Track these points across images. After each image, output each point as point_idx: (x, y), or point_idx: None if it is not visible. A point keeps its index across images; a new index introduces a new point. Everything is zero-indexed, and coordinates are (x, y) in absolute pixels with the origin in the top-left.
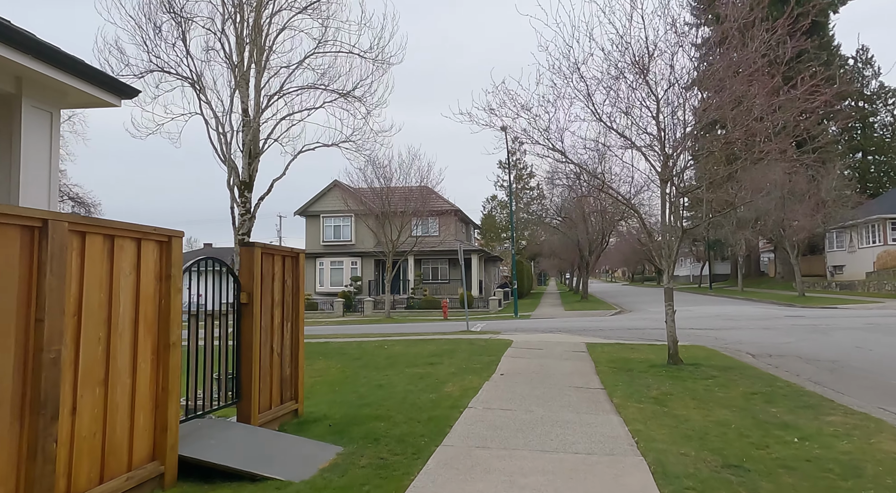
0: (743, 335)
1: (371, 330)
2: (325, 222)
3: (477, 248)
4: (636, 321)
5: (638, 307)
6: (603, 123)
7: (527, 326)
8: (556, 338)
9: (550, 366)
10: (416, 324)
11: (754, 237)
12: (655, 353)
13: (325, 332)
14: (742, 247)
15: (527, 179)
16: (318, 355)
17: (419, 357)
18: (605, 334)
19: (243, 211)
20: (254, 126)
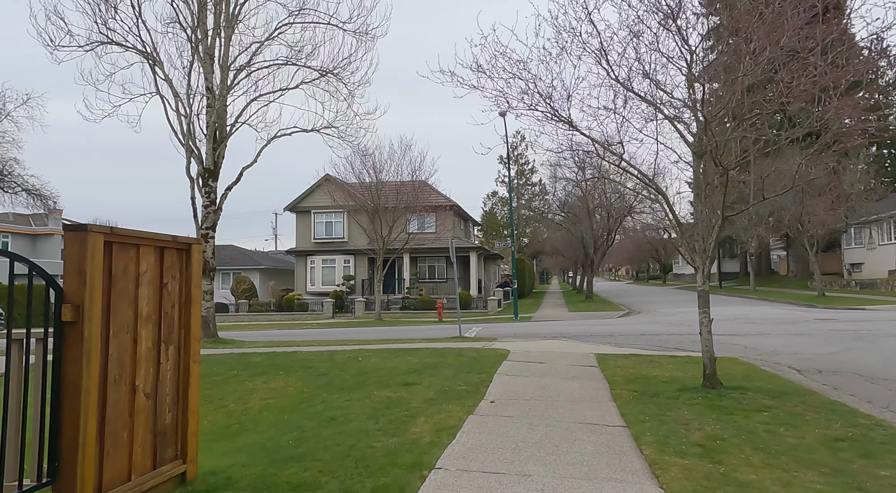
0: (776, 344)
1: (356, 335)
2: (317, 219)
3: (475, 245)
4: (649, 325)
5: (647, 308)
6: (621, 85)
7: (527, 330)
8: (559, 346)
9: (554, 388)
10: (408, 327)
11: (767, 234)
12: (682, 369)
13: (303, 337)
14: (755, 244)
15: (529, 175)
16: (279, 369)
17: (395, 374)
18: (615, 340)
19: (207, 202)
20: (218, 106)
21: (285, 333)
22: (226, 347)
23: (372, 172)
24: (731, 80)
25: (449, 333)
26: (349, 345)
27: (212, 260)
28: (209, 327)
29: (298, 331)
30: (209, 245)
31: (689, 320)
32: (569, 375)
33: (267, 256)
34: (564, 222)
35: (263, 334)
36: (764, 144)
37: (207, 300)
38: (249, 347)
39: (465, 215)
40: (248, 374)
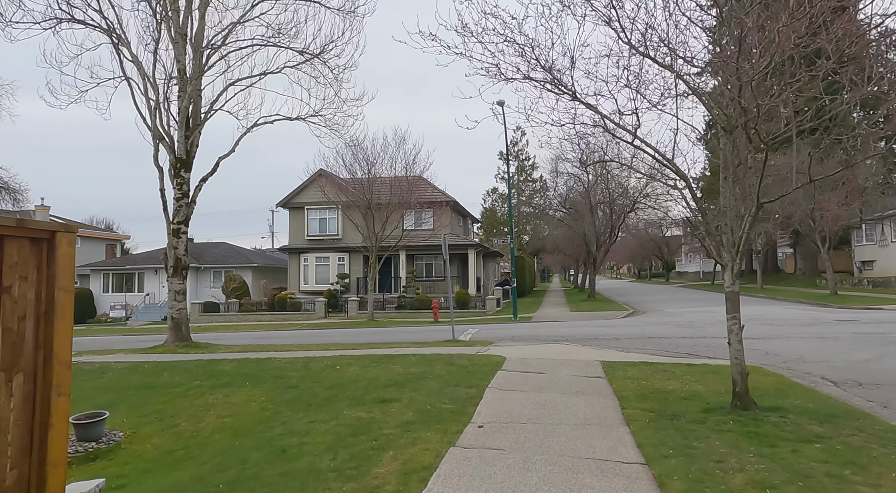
0: (800, 349)
1: (343, 337)
2: (310, 215)
3: (473, 242)
4: (656, 327)
5: (652, 308)
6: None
7: (526, 332)
8: (561, 352)
9: (555, 407)
10: (400, 328)
11: (775, 230)
12: (702, 381)
13: (287, 340)
14: (762, 241)
15: (529, 171)
16: (247, 380)
17: (373, 387)
18: (621, 344)
19: (179, 194)
20: (191, 90)
21: (270, 335)
22: (197, 352)
23: (364, 165)
24: (774, 28)
25: (443, 335)
26: (332, 350)
27: (185, 257)
28: (181, 329)
29: (285, 332)
30: (181, 241)
31: (699, 321)
32: (572, 389)
33: (260, 253)
34: (566, 219)
35: (246, 337)
36: (816, 111)
37: (180, 301)
38: (223, 352)
39: (463, 212)
40: (212, 385)
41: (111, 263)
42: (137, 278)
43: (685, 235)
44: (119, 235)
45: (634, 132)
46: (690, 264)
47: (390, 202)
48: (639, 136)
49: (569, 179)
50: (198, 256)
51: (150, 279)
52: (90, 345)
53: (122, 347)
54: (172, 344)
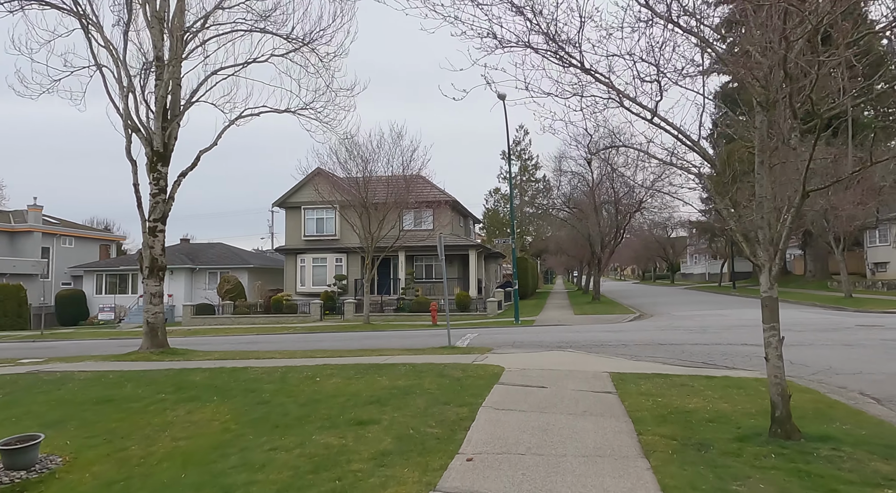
0: (827, 358)
1: (334, 342)
2: (307, 215)
3: (474, 242)
4: (666, 332)
5: (659, 311)
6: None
7: (528, 337)
8: (565, 361)
9: (559, 432)
10: (396, 332)
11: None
12: (727, 398)
13: (274, 345)
14: None
15: (532, 171)
16: (216, 393)
17: (352, 404)
18: (630, 351)
19: (156, 190)
20: (167, 77)
21: (259, 339)
22: (173, 359)
23: (360, 162)
24: None
25: (439, 340)
26: (317, 358)
27: (161, 258)
28: (157, 335)
29: (275, 336)
30: (158, 240)
31: (711, 325)
32: (578, 407)
33: (257, 255)
34: (570, 219)
35: (233, 341)
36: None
37: (156, 304)
38: (200, 359)
39: (464, 212)
40: (176, 399)
41: (105, 263)
42: (131, 280)
43: (690, 237)
44: (115, 236)
45: (655, 109)
46: (696, 265)
47: (387, 201)
48: (659, 113)
49: (572, 178)
50: (193, 257)
51: None
52: (65, 350)
53: (97, 352)
54: (147, 351)
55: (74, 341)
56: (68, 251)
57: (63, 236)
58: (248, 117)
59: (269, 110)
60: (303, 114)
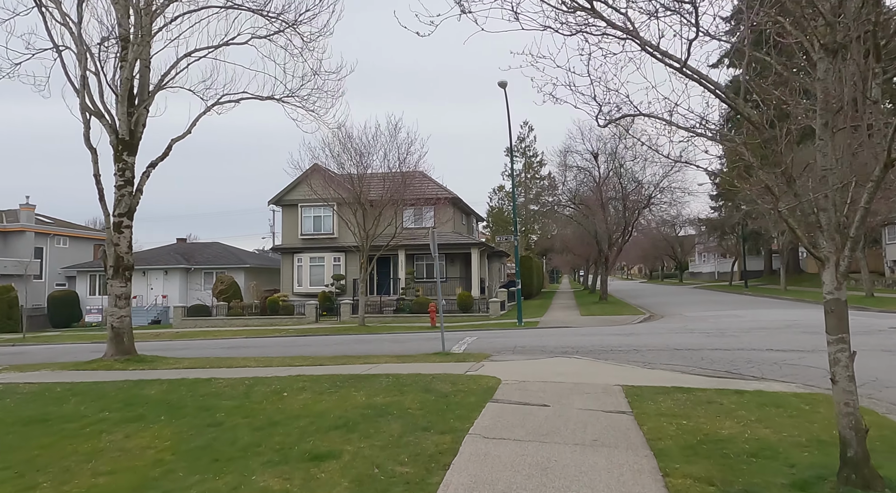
0: (869, 366)
1: (320, 347)
2: (304, 213)
3: (476, 241)
4: (681, 336)
5: (670, 311)
6: None
7: (530, 341)
8: (571, 370)
9: (563, 473)
10: (391, 335)
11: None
12: (768, 421)
13: (254, 350)
14: (785, 239)
15: (537, 168)
16: (165, 411)
17: (313, 430)
18: (643, 358)
19: (121, 181)
20: (132, 58)
21: (244, 343)
22: (137, 368)
23: (354, 156)
24: None
25: (435, 344)
26: (295, 366)
27: (127, 256)
28: (123, 341)
29: (263, 340)
30: (124, 236)
31: (728, 327)
32: (587, 435)
33: (254, 254)
34: (576, 216)
35: (216, 345)
36: None
37: (122, 307)
38: (167, 368)
39: (466, 209)
40: (119, 418)
41: (98, 264)
42: None
43: (699, 235)
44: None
45: (684, 63)
46: (705, 264)
47: (383, 197)
48: (690, 65)
49: (578, 173)
50: (188, 256)
51: (138, 281)
52: (34, 356)
53: (67, 358)
54: (111, 358)
55: (53, 345)
56: (62, 251)
57: (57, 236)
58: (227, 104)
59: (251, 97)
60: (288, 102)
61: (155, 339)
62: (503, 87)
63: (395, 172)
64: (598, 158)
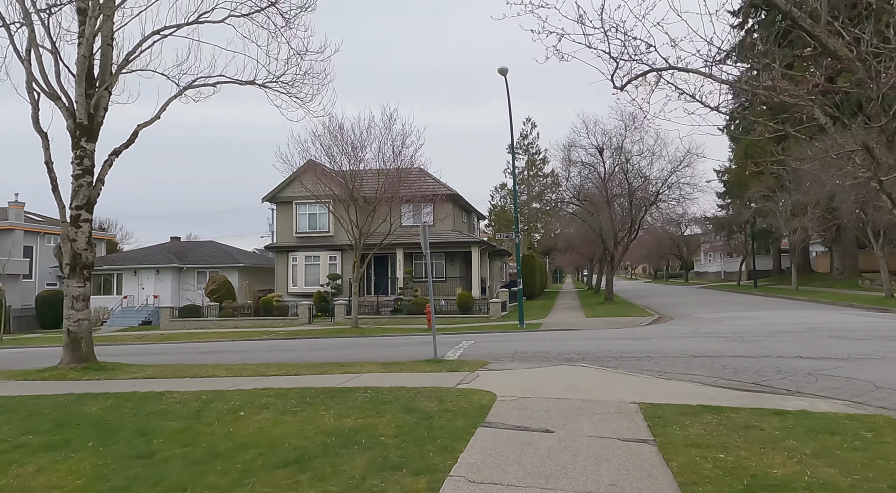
0: None
1: (304, 353)
2: (299, 210)
3: (476, 239)
4: (697, 340)
5: (680, 312)
6: None
7: (532, 346)
8: (578, 381)
9: None
10: (383, 339)
11: (815, 225)
12: (827, 454)
13: (231, 356)
14: (797, 237)
15: (540, 165)
16: (98, 434)
17: (258, 466)
18: (658, 366)
19: (79, 170)
20: (90, 33)
21: (224, 347)
22: (92, 378)
23: (346, 147)
24: None
25: (427, 350)
26: (268, 376)
27: (86, 253)
28: (80, 347)
29: (246, 343)
30: (82, 231)
31: (746, 331)
32: (602, 477)
33: (249, 253)
34: (579, 213)
35: (192, 349)
36: None
37: (79, 309)
38: (125, 377)
39: (467, 207)
40: (40, 444)
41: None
42: (116, 280)
43: (705, 233)
44: (104, 235)
45: None
46: (710, 263)
47: (378, 193)
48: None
49: (582, 169)
50: (181, 256)
51: (129, 281)
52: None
53: (28, 365)
54: (67, 366)
55: (27, 348)
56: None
57: (47, 235)
58: (204, 90)
59: (229, 81)
60: (270, 87)
61: (137, 341)
62: (503, 74)
63: (392, 167)
64: (604, 153)
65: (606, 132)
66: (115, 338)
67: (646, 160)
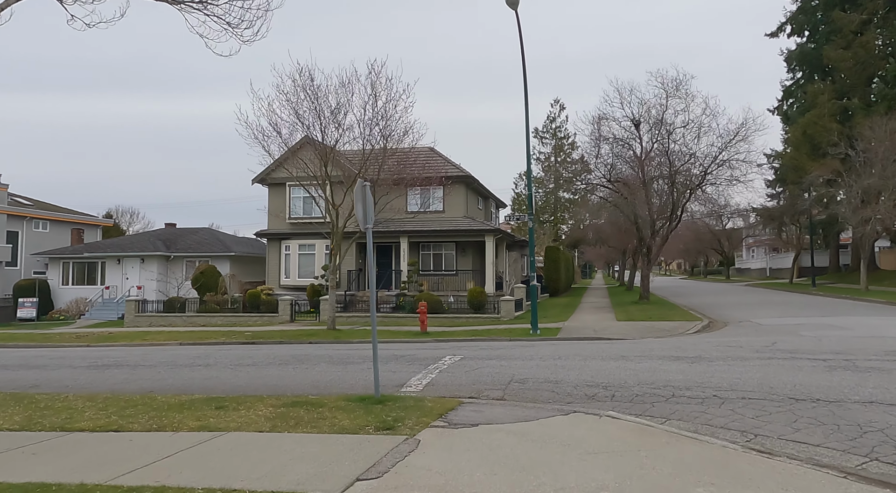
0: None
1: (217, 371)
2: (293, 193)
3: (490, 227)
4: (778, 362)
5: (731, 315)
6: None
7: (539, 367)
8: (606, 476)
9: None
10: (352, 347)
11: (892, 216)
12: None
13: (118, 374)
14: (870, 230)
15: (568, 151)
16: None
17: None
18: (736, 416)
19: None
20: None
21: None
22: None
23: (322, 109)
24: None
25: (400, 368)
26: (64, 434)
27: None
28: None
29: (176, 351)
30: None
31: (848, 347)
32: None
33: (244, 241)
34: (612, 198)
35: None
36: None
37: None
38: None
39: (483, 192)
40: None
41: (70, 250)
42: (99, 269)
43: (748, 227)
44: (97, 220)
45: None
46: (753, 259)
47: (363, 166)
48: None
49: (615, 146)
50: (170, 243)
51: (112, 270)
52: None
53: None
54: None
55: None
56: (41, 236)
57: (35, 219)
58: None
59: None
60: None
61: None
62: (513, 6)
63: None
64: (641, 126)
65: (644, 102)
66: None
67: (691, 133)
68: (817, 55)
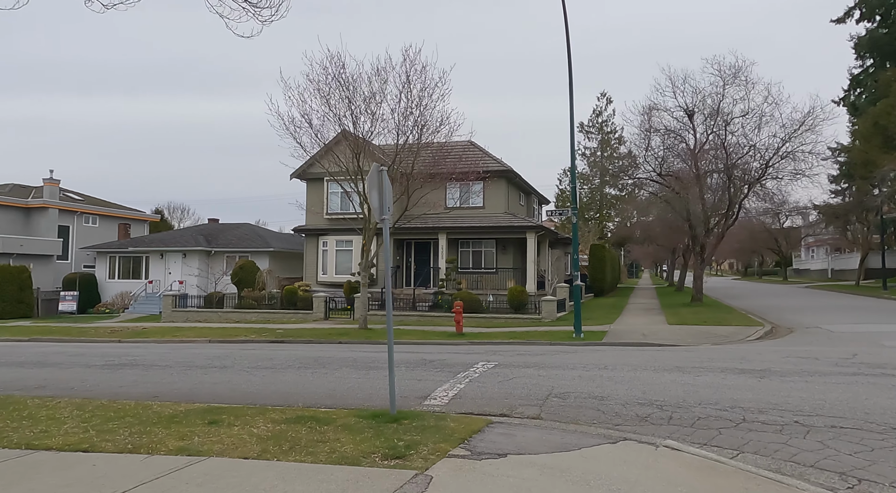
0: None
1: (231, 374)
2: (330, 188)
3: (532, 223)
4: (866, 379)
5: (798, 320)
6: None
7: (582, 379)
8: None
9: None
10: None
11: None
12: None
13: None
14: None
15: (615, 146)
16: None
17: None
18: (831, 452)
19: None
20: None
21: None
22: None
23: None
24: None
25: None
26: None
27: None
28: None
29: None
30: None
31: None
32: None
33: (284, 237)
34: (663, 192)
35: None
36: None
37: None
38: None
39: (525, 187)
40: None
41: (117, 245)
42: (144, 263)
43: (807, 225)
44: (145, 216)
45: None
46: (813, 260)
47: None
48: None
49: (666, 138)
50: (211, 238)
51: (156, 264)
52: None
53: None
54: None
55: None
56: (91, 231)
57: (85, 215)
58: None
59: None
60: None
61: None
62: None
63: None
64: (694, 117)
65: (699, 90)
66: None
67: (751, 124)
68: (890, 41)
